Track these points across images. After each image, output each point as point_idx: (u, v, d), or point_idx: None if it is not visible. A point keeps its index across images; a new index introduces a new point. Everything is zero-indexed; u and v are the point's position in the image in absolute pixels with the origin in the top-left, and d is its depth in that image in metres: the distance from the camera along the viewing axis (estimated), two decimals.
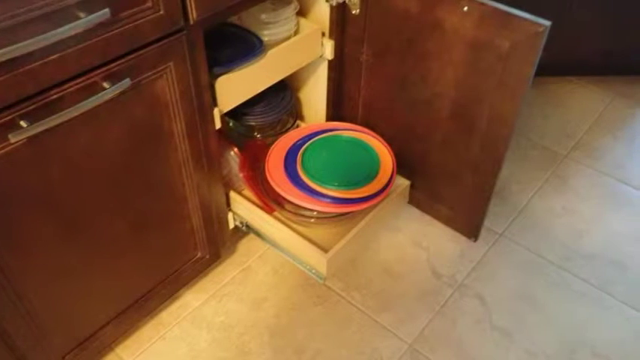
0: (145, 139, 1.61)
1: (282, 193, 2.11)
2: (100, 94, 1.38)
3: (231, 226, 2.22)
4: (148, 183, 1.71)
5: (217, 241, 2.12)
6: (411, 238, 2.41)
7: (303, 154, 2.23)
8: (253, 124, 2.33)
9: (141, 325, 2.09)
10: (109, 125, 1.49)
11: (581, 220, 2.52)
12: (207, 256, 2.11)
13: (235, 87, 1.90)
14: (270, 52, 1.99)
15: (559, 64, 3.17)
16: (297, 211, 2.16)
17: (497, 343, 2.08)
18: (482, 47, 1.86)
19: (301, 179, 2.14)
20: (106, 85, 1.40)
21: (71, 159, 1.44)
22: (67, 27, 1.23)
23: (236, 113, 2.25)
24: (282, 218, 2.20)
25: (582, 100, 3.19)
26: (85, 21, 1.26)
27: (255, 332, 2.09)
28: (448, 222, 2.44)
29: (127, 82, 1.44)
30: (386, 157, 2.27)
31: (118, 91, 1.42)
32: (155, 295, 1.98)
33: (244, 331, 2.09)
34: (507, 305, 2.19)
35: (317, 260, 2.10)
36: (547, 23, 1.69)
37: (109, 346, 2.00)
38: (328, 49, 2.18)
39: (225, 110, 1.89)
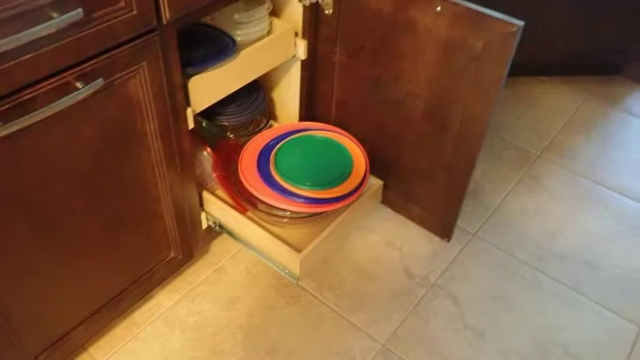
0: (118, 139, 1.60)
1: (255, 193, 2.11)
2: (73, 94, 1.37)
3: (204, 226, 2.21)
4: (121, 183, 1.70)
5: (190, 241, 2.11)
6: (384, 238, 2.41)
7: (276, 154, 2.23)
8: (226, 124, 2.32)
9: (114, 325, 2.08)
10: (82, 125, 1.48)
11: (554, 220, 2.54)
12: (180, 256, 2.10)
13: (208, 87, 1.90)
14: (243, 52, 1.98)
15: (532, 64, 3.18)
16: (270, 211, 2.15)
17: (471, 343, 2.08)
18: (455, 47, 1.86)
19: (274, 179, 2.13)
20: (79, 85, 1.39)
21: (44, 158, 1.43)
22: (40, 27, 1.23)
23: (209, 113, 2.24)
24: (255, 218, 2.19)
25: (555, 100, 3.21)
26: (58, 21, 1.25)
27: (228, 332, 2.08)
28: (421, 222, 2.44)
29: (100, 82, 1.43)
30: (359, 157, 2.27)
31: (91, 91, 1.41)
32: (128, 295, 1.97)
33: (217, 331, 2.08)
34: (480, 305, 2.20)
35: (290, 260, 2.10)
36: (520, 23, 1.70)
37: (82, 346, 1.99)
38: (301, 49, 2.18)
39: (198, 110, 1.89)
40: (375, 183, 2.40)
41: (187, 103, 1.83)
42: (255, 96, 2.36)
